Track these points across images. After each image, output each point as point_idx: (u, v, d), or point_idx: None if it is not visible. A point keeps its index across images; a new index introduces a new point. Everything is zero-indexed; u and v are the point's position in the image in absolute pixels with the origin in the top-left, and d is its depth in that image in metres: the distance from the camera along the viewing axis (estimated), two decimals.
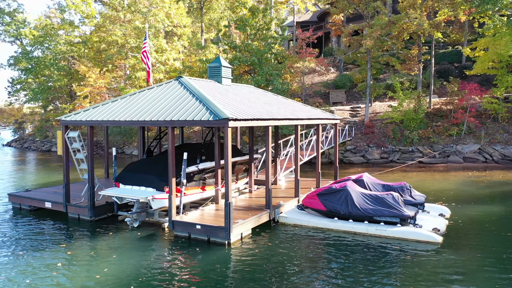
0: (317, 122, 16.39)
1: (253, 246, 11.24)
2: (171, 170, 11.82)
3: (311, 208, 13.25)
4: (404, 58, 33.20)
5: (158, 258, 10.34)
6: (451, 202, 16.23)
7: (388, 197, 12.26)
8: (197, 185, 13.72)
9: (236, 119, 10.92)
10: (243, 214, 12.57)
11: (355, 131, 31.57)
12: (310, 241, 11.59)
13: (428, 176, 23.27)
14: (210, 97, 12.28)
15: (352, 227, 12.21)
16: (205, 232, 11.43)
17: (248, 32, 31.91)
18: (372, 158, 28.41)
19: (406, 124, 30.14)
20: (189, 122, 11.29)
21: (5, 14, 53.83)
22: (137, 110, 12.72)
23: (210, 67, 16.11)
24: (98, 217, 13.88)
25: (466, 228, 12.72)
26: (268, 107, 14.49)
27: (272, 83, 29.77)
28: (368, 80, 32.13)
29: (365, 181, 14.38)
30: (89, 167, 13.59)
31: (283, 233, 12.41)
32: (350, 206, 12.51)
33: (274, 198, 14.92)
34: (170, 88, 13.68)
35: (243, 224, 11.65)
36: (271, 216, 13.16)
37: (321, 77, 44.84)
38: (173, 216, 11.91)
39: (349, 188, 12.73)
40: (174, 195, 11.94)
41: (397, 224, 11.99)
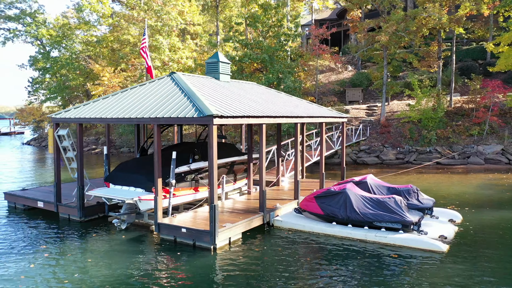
0: (320, 120, 15.52)
1: (241, 251, 10.52)
2: (157, 170, 11.23)
3: (309, 211, 12.43)
4: (423, 55, 31.79)
5: (137, 262, 9.76)
6: (465, 207, 15.08)
7: (389, 201, 11.32)
8: (189, 186, 13.11)
9: (222, 116, 10.23)
10: (235, 217, 11.88)
11: (370, 131, 30.41)
12: (303, 247, 10.78)
13: (445, 178, 22.01)
14: (200, 93, 11.63)
15: (350, 233, 11.33)
16: (190, 236, 10.79)
17: (260, 29, 31.19)
18: (387, 159, 27.22)
19: (424, 123, 28.79)
20: (173, 119, 10.67)
21: (27, 15, 54.87)
22: (126, 107, 12.20)
23: (208, 63, 15.48)
24: (88, 218, 13.44)
25: (477, 235, 11.64)
26: (266, 105, 13.74)
27: (283, 81, 28.94)
28: (385, 78, 30.89)
29: (369, 183, 13.45)
30: (78, 166, 13.17)
31: (276, 238, 11.64)
32: (348, 210, 11.63)
33: (273, 200, 14.18)
34: (162, 85, 13.11)
35: (231, 228, 10.95)
36: (265, 220, 12.41)
37: (338, 76, 43.71)
38: (159, 218, 11.31)
39: (348, 191, 11.85)
40: (160, 196, 11.34)
41: (399, 231, 11.05)
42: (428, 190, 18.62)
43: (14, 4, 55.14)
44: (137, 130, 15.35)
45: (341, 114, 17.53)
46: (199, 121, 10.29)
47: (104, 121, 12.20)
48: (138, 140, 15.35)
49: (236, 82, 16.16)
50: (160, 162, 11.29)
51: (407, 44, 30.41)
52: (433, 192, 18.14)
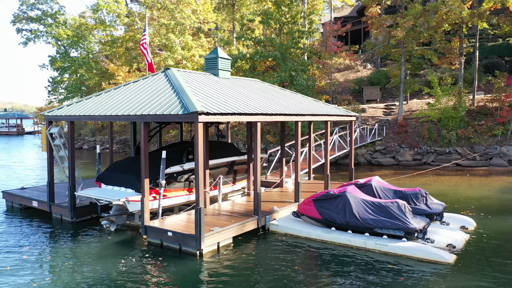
0: (325, 118, 14.70)
1: (229, 258, 9.85)
2: (144, 170, 10.69)
3: (307, 215, 11.65)
4: (443, 51, 30.33)
5: (117, 268, 9.22)
6: (481, 212, 13.98)
7: (392, 205, 10.43)
8: (183, 187, 12.53)
9: (208, 113, 9.59)
10: (227, 220, 11.21)
11: (387, 130, 29.23)
12: (297, 254, 10.03)
13: (464, 180, 20.76)
14: (190, 90, 11.02)
15: (348, 240, 10.50)
16: (176, 240, 10.19)
17: (273, 26, 30.45)
18: (404, 160, 26.03)
19: (444, 122, 27.42)
20: (159, 116, 10.09)
21: (48, 16, 55.75)
22: (115, 104, 11.71)
23: (207, 58, 14.88)
24: (80, 219, 13.04)
25: (489, 245, 10.61)
26: (265, 102, 13.03)
27: (295, 79, 28.11)
28: (402, 75, 29.63)
29: (374, 186, 12.56)
30: (69, 165, 12.78)
31: (270, 243, 10.92)
32: (348, 215, 10.79)
33: (274, 202, 13.46)
34: (154, 81, 12.58)
35: (220, 232, 10.29)
36: (260, 224, 11.69)
37: (357, 74, 42.47)
38: (146, 221, 10.77)
39: (348, 194, 11.01)
40: (147, 197, 10.80)
41: (402, 238, 10.15)
42: (444, 193, 17.53)
43: (36, 5, 56.18)
44: (133, 128, 14.89)
45: (349, 113, 16.63)
46: (184, 118, 9.68)
47: (93, 119, 11.75)
48: (134, 138, 14.89)
49: (237, 79, 15.51)
50: (147, 162, 10.75)
51: (426, 40, 29.02)
52: (449, 195, 17.05)
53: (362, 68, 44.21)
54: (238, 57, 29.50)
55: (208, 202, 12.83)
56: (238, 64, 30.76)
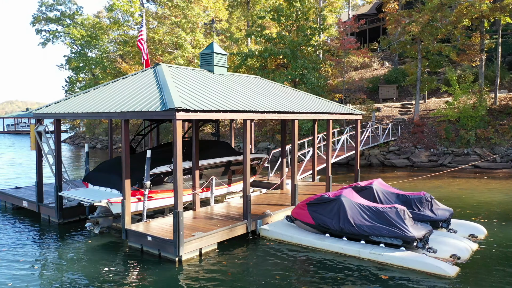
0: (327, 117, 13.86)
1: (212, 265, 9.17)
2: (125, 170, 10.13)
3: (300, 220, 10.86)
4: (463, 48, 28.89)
5: (93, 274, 8.66)
6: (495, 218, 12.89)
7: (390, 211, 9.54)
8: (171, 188, 11.93)
9: (187, 110, 8.93)
10: (213, 224, 10.54)
11: (402, 130, 28.01)
12: (286, 263, 9.26)
13: (481, 183, 19.50)
14: (174, 85, 10.40)
15: (341, 248, 9.66)
16: (155, 245, 9.58)
17: (284, 23, 29.63)
18: (418, 161, 24.82)
19: (463, 122, 26.05)
20: (138, 113, 9.51)
21: (66, 17, 56.39)
22: (100, 101, 11.21)
23: (202, 54, 14.25)
24: (67, 220, 12.59)
25: (499, 256, 9.60)
26: (260, 99, 12.30)
27: (306, 77, 27.23)
28: (419, 73, 28.36)
29: (375, 189, 11.67)
30: (55, 164, 12.34)
31: (259, 250, 10.18)
32: (342, 221, 9.96)
33: (268, 206, 12.72)
34: (142, 77, 12.02)
35: (202, 237, 9.62)
36: (250, 228, 10.96)
37: (374, 72, 41.19)
38: (127, 224, 10.20)
39: (343, 198, 10.17)
40: (127, 199, 10.23)
41: (400, 247, 9.26)
42: (458, 197, 16.43)
43: (55, 6, 56.93)
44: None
45: (354, 111, 15.72)
46: (163, 115, 9.05)
47: (77, 116, 11.26)
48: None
49: (234, 75, 14.83)
50: (128, 161, 10.19)
51: (444, 36, 27.66)
52: (462, 199, 15.95)
53: (380, 66, 42.89)
54: (247, 55, 28.82)
55: (198, 204, 12.18)
56: (248, 62, 30.09)
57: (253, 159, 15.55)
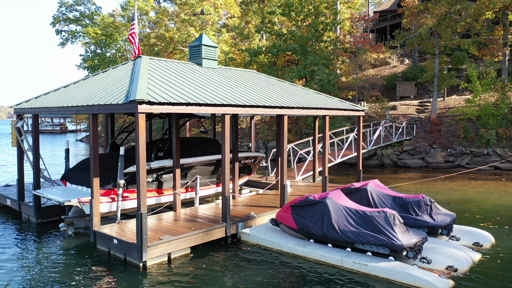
0: (322, 112, 12.89)
1: (179, 272, 8.39)
2: (93, 168, 9.49)
3: (284, 224, 9.97)
4: (485, 42, 27.22)
5: (57, 279, 8.03)
6: (506, 225, 11.64)
7: (378, 216, 8.54)
8: (150, 187, 11.25)
9: (152, 103, 8.19)
10: (187, 227, 9.77)
11: (418, 129, 26.58)
12: (260, 271, 8.39)
13: (499, 186, 18.06)
14: (148, 78, 9.70)
15: (323, 256, 8.72)
16: (121, 249, 8.88)
17: (294, 18, 28.65)
18: (434, 162, 23.40)
19: (484, 120, 24.46)
20: (103, 107, 8.84)
21: (85, 17, 56.95)
22: (74, 96, 10.62)
23: (190, 47, 13.53)
24: (47, 219, 12.07)
25: (503, 268, 8.45)
26: (248, 93, 11.47)
27: (316, 74, 26.17)
28: (436, 69, 26.86)
29: (369, 191, 10.65)
30: (33, 161, 11.85)
31: (235, 256, 9.35)
32: (326, 226, 9.02)
33: (257, 207, 11.88)
34: (120, 70, 11.38)
35: (171, 241, 8.86)
36: (229, 232, 10.13)
37: (392, 69, 39.63)
38: (95, 225, 9.55)
39: (329, 201, 9.22)
40: (96, 199, 9.58)
41: (388, 257, 8.25)
42: (471, 200, 15.18)
43: (74, 6, 57.59)
44: (107, 121, 13.76)
45: (355, 107, 14.67)
46: (126, 108, 8.34)
47: (51, 111, 10.71)
48: (109, 133, 13.79)
49: (226, 69, 14.03)
50: (96, 158, 9.55)
51: (464, 29, 26.07)
52: (475, 202, 14.68)
53: (399, 63, 41.27)
54: (256, 51, 27.99)
55: (179, 205, 11.43)
56: (257, 59, 29.26)
57: (248, 158, 14.74)
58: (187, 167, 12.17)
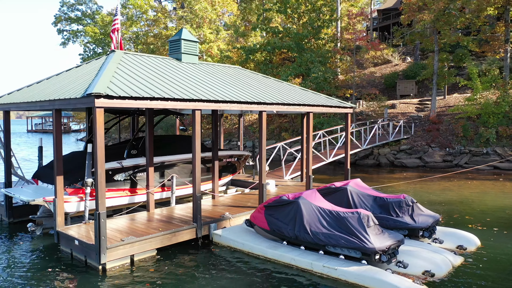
0: (305, 109, 12.40)
1: (141, 275, 7.97)
2: (56, 166, 9.10)
3: (257, 225, 9.50)
4: (486, 38, 26.52)
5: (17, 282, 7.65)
6: (496, 226, 11.07)
7: (352, 217, 8.04)
8: (122, 187, 10.84)
9: (110, 97, 7.76)
10: (154, 228, 9.34)
11: (416, 128, 25.94)
12: (227, 275, 7.94)
13: (496, 186, 17.42)
14: (114, 72, 9.30)
15: (293, 259, 8.24)
16: (82, 250, 8.48)
17: (290, 15, 28.15)
18: (432, 161, 22.77)
19: (484, 119, 23.78)
20: (63, 102, 8.45)
21: (87, 16, 56.95)
22: (41, 91, 10.25)
23: (170, 41, 13.11)
24: (19, 219, 11.71)
25: (484, 273, 7.91)
26: (227, 89, 11.02)
27: (312, 71, 25.64)
28: (435, 66, 26.20)
29: (349, 190, 10.15)
30: (5, 160, 11.51)
31: (204, 258, 8.90)
32: (297, 227, 8.54)
33: (235, 207, 11.43)
34: (93, 65, 11.00)
35: (133, 243, 8.44)
36: (200, 233, 9.69)
37: (394, 68, 38.96)
38: (58, 226, 9.16)
39: (302, 201, 8.74)
40: (60, 198, 9.19)
41: (362, 261, 7.75)
42: (464, 201, 14.62)
43: (76, 6, 57.60)
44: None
45: (343, 104, 14.16)
46: (83, 103, 7.93)
47: (18, 107, 10.35)
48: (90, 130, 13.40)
49: (208, 65, 13.59)
50: (60, 155, 9.18)
51: (464, 25, 25.40)
52: (468, 203, 14.11)
53: (401, 61, 40.59)
54: (252, 49, 27.53)
55: (153, 205, 11.01)
56: (254, 57, 28.80)
57: (232, 156, 14.30)
58: (164, 165, 11.75)
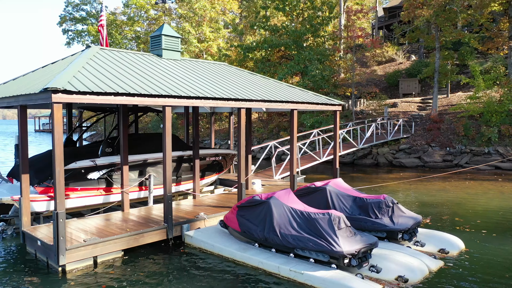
0: (288, 106, 12.01)
1: (100, 278, 7.66)
2: (22, 164, 8.85)
3: (230, 226, 9.14)
4: (489, 35, 25.78)
5: None
6: (485, 229, 10.56)
7: (322, 218, 7.63)
8: (96, 185, 10.56)
9: (68, 91, 7.46)
10: (122, 229, 9.03)
11: (416, 127, 25.33)
12: (191, 279, 7.59)
13: (494, 187, 16.81)
14: (81, 67, 9.01)
15: (261, 263, 7.86)
16: (43, 251, 8.21)
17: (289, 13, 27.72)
18: (431, 161, 22.18)
19: (486, 118, 23.11)
20: (25, 98, 8.18)
21: (91, 16, 57.08)
22: (12, 87, 10.01)
23: (152, 37, 12.81)
24: None
25: (462, 278, 7.44)
26: (206, 86, 10.68)
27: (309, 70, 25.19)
28: (437, 63, 25.57)
29: (329, 190, 9.74)
30: None
31: (173, 260, 8.56)
32: (267, 229, 8.16)
33: (219, 207, 11.09)
34: (66, 61, 10.72)
35: (96, 244, 8.13)
36: (171, 234, 9.35)
37: (398, 66, 38.29)
38: (24, 226, 8.90)
39: (274, 201, 8.35)
40: (25, 197, 8.95)
41: (331, 265, 7.34)
42: (459, 202, 14.10)
43: (80, 6, 57.79)
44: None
45: (331, 101, 13.73)
46: (42, 98, 7.64)
47: None
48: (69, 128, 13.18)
49: (190, 61, 13.25)
50: (26, 153, 8.92)
51: (466, 22, 24.73)
52: (461, 205, 13.60)
53: (406, 60, 39.90)
54: (249, 47, 27.16)
55: (128, 204, 10.71)
56: (253, 55, 28.43)
57: (216, 155, 13.97)
58: (142, 164, 11.45)
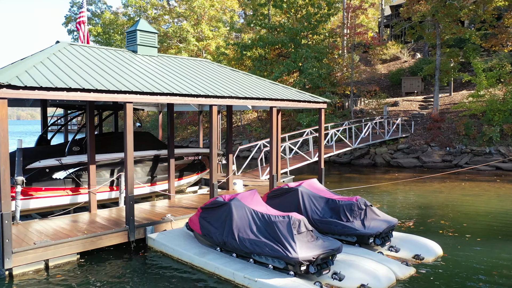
0: (267, 104, 11.53)
1: (49, 283, 7.28)
2: None
3: (193, 229, 8.70)
4: (493, 31, 24.95)
5: None
6: (467, 234, 9.95)
7: (281, 222, 7.14)
8: (62, 185, 10.21)
9: (12, 86, 7.10)
10: (79, 231, 8.66)
11: (416, 126, 24.62)
12: (147, 285, 7.18)
13: (492, 188, 16.10)
14: (39, 63, 8.68)
15: (217, 268, 7.40)
16: None
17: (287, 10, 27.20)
18: (430, 161, 21.47)
19: (489, 116, 22.33)
20: None
21: (96, 16, 57.25)
22: None
23: (127, 33, 12.44)
24: None
25: (431, 287, 6.90)
26: (180, 82, 10.27)
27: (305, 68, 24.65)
28: (437, 61, 24.82)
29: (301, 191, 9.24)
30: None
31: (130, 264, 8.16)
32: (226, 232, 7.70)
33: (189, 209, 10.68)
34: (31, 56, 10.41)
35: (48, 246, 7.75)
36: (133, 237, 8.94)
37: (403, 65, 37.49)
38: None
39: (235, 203, 7.88)
40: None
41: (289, 272, 6.86)
42: (451, 204, 13.48)
43: None
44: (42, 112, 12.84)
45: (315, 99, 13.21)
46: None
47: None
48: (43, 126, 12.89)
49: (166, 57, 12.84)
50: None
51: (467, 17, 23.94)
52: (452, 207, 12.97)
53: (410, 58, 39.07)
54: (245, 45, 26.71)
55: (95, 205, 10.34)
56: (251, 53, 27.96)
57: (196, 154, 13.55)
58: (114, 163, 11.08)
